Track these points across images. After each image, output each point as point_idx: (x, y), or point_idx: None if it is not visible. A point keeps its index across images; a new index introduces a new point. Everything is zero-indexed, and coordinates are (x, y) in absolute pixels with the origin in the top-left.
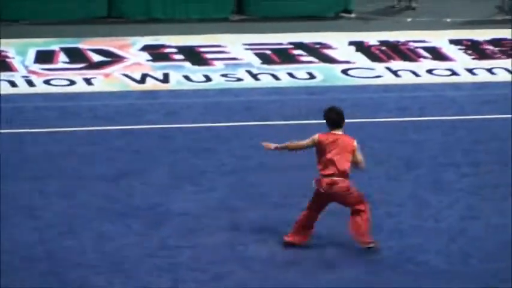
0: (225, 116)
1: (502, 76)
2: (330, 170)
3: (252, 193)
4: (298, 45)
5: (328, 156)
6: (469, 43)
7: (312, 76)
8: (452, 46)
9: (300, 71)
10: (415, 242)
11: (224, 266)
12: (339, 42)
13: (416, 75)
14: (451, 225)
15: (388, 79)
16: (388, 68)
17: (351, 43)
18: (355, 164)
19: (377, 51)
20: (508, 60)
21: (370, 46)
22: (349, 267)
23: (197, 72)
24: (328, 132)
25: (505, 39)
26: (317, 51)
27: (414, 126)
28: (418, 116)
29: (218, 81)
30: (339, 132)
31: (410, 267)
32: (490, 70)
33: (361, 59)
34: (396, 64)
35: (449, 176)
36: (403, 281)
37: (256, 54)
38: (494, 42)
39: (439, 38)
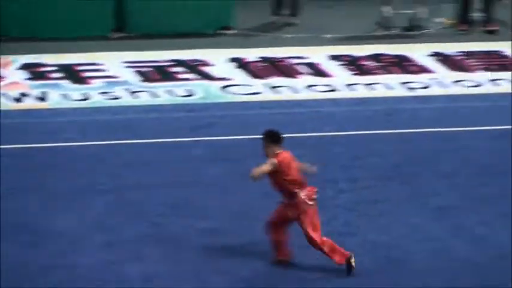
0: (103, 134)
1: (380, 92)
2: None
3: (129, 211)
4: (178, 63)
5: (295, 173)
6: (349, 59)
7: (191, 93)
8: (332, 62)
9: (179, 88)
10: (294, 259)
11: (101, 285)
12: (218, 59)
13: (295, 91)
14: None
15: (267, 95)
16: (267, 85)
17: (231, 60)
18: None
19: (256, 68)
20: (387, 76)
21: (250, 62)
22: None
23: (75, 91)
24: (278, 153)
25: (384, 54)
26: (196, 68)
27: (292, 143)
28: (296, 132)
29: (96, 100)
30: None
31: (287, 284)
32: (369, 85)
33: (240, 76)
34: (275, 80)
35: (326, 192)
36: None
37: (136, 72)
38: (374, 57)
39: (319, 54)
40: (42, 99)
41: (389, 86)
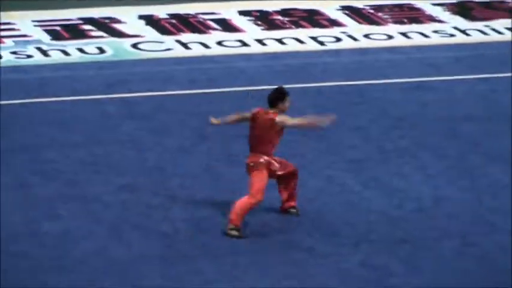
0: (17, 94)
1: (291, 46)
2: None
3: (45, 170)
4: (88, 21)
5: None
6: (258, 14)
7: (102, 51)
8: (242, 17)
9: (90, 46)
10: (210, 213)
11: (19, 243)
12: (128, 16)
13: (207, 47)
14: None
15: (179, 52)
16: (178, 41)
17: (141, 17)
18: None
19: (166, 24)
20: (298, 30)
21: (160, 19)
22: (142, 243)
23: None
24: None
25: (294, 9)
26: (106, 26)
27: (205, 98)
28: (208, 87)
29: (8, 59)
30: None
31: (205, 239)
32: (280, 40)
33: (151, 33)
34: (186, 37)
35: (241, 147)
36: (198, 253)
37: (46, 30)
38: (284, 12)
39: (229, 10)
40: None
41: (300, 40)
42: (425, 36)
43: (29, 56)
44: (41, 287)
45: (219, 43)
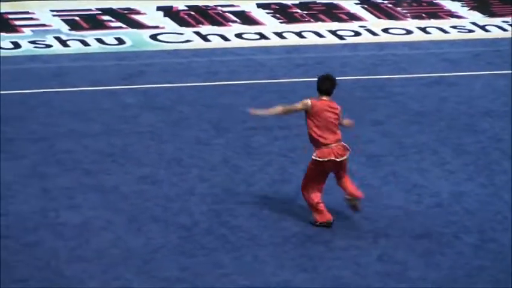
0: (35, 83)
1: (310, 39)
2: (332, 138)
3: (63, 160)
4: (107, 11)
5: (323, 125)
6: (277, 7)
7: (121, 42)
8: (261, 10)
9: (109, 36)
10: (229, 206)
11: (36, 233)
12: (147, 7)
13: (226, 39)
14: (263, 188)
15: (198, 44)
16: (197, 33)
17: (159, 8)
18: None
19: (185, 16)
20: (317, 24)
21: (179, 11)
22: (160, 234)
23: (5, 39)
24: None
25: (313, 2)
26: (126, 17)
27: (224, 90)
28: (227, 80)
29: (27, 48)
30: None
31: (223, 231)
32: (299, 33)
33: (169, 24)
34: (205, 29)
35: (260, 139)
36: (217, 245)
37: (64, 20)
38: (302, 6)
39: (248, 2)
40: None
41: (319, 34)
42: (444, 31)
43: (48, 46)
44: (58, 277)
45: (238, 35)
